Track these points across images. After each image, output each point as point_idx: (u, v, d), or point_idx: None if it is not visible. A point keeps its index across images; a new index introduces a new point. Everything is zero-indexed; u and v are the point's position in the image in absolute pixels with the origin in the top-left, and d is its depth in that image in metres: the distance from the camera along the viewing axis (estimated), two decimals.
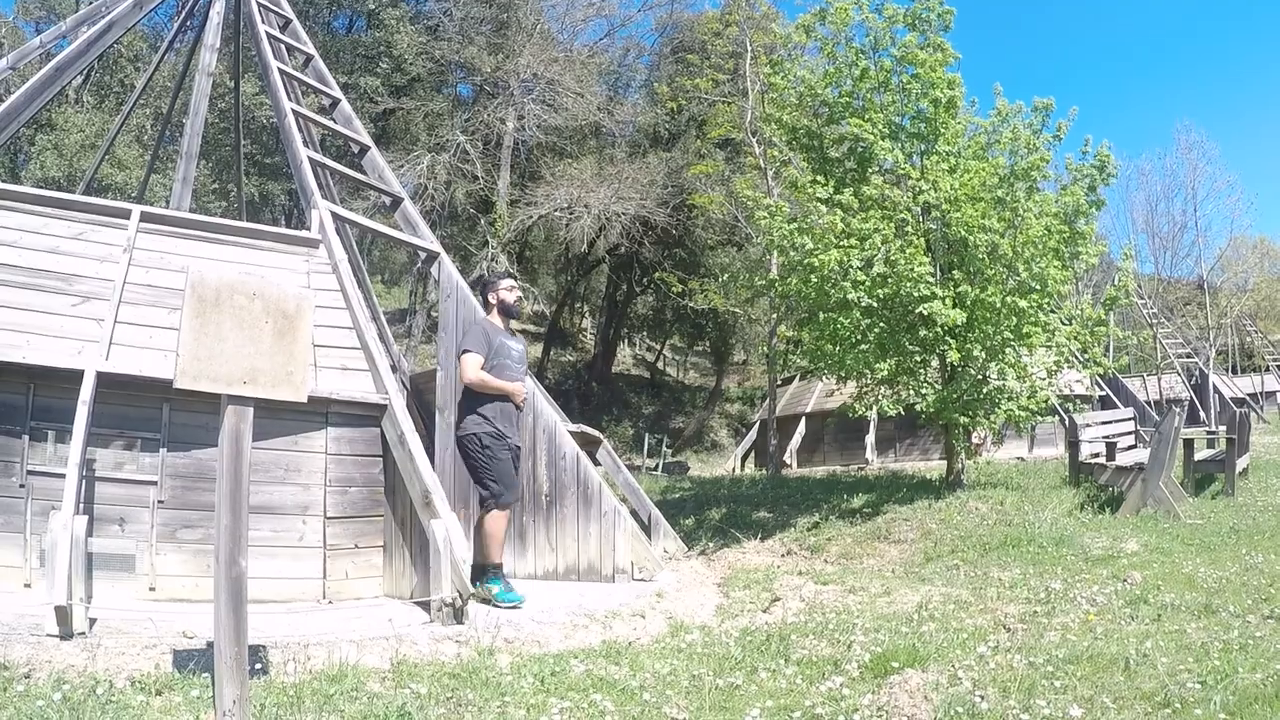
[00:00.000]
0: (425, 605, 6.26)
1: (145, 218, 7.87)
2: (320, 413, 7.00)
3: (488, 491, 6.92)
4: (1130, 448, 14.93)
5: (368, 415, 7.19)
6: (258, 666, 4.55)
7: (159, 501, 6.41)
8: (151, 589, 6.27)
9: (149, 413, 6.53)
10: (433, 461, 7.41)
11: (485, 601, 6.64)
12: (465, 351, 7.03)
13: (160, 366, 6.32)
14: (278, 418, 6.64)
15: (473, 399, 7.03)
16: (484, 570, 6.84)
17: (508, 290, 7.44)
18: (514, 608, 6.55)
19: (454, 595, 6.06)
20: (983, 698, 4.12)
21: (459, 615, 6.04)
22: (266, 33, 10.93)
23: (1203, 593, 6.34)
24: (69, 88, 25.54)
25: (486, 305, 7.51)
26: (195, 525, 6.43)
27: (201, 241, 7.97)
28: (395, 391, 7.22)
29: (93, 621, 5.14)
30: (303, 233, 8.61)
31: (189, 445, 6.57)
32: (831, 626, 6.03)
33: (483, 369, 6.97)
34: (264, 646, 4.88)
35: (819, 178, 12.30)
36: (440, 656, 5.26)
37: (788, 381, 27.49)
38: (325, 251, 8.33)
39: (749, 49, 24.79)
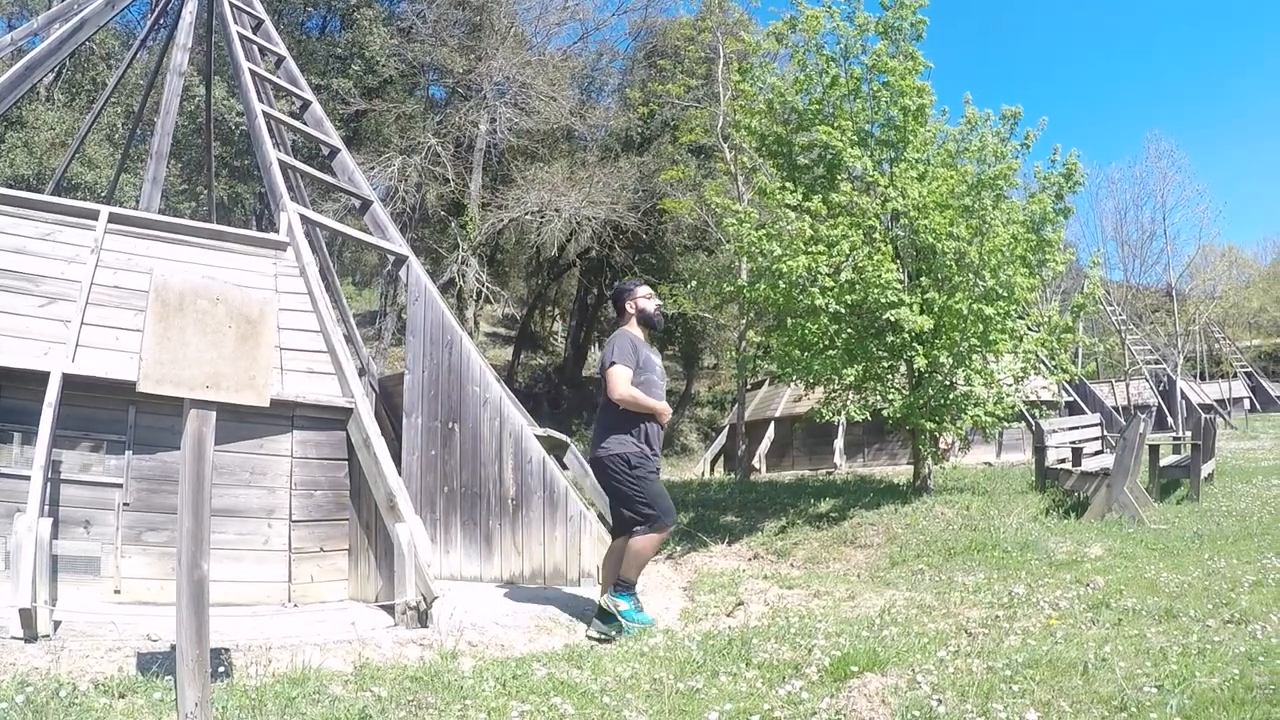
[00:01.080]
0: (390, 609, 6.28)
1: (113, 219, 7.83)
2: (286, 416, 6.99)
3: (641, 518, 6.37)
4: (1096, 453, 15.07)
5: (333, 418, 7.18)
6: (220, 669, 4.56)
7: (124, 504, 6.39)
8: (116, 591, 6.24)
9: (115, 415, 6.51)
10: (399, 465, 7.40)
11: (605, 615, 6.37)
12: (613, 364, 6.38)
13: (126, 368, 6.29)
14: (243, 421, 6.63)
15: (617, 416, 6.45)
16: (618, 584, 6.44)
17: (646, 298, 6.81)
18: (644, 630, 6.20)
19: (418, 598, 6.08)
20: (940, 702, 4.16)
21: (423, 619, 6.06)
22: (239, 33, 10.88)
23: (1164, 597, 6.38)
24: (40, 85, 25.27)
25: (622, 314, 6.84)
26: (160, 528, 6.40)
27: (170, 243, 7.93)
28: (361, 395, 7.21)
29: (57, 624, 5.14)
30: (271, 235, 8.58)
31: (155, 448, 6.55)
32: (794, 630, 6.06)
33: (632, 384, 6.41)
34: (227, 649, 4.89)
35: (788, 184, 12.34)
36: (403, 660, 5.28)
37: (757, 386, 27.57)
38: (293, 254, 8.31)
39: (722, 55, 24.81)
